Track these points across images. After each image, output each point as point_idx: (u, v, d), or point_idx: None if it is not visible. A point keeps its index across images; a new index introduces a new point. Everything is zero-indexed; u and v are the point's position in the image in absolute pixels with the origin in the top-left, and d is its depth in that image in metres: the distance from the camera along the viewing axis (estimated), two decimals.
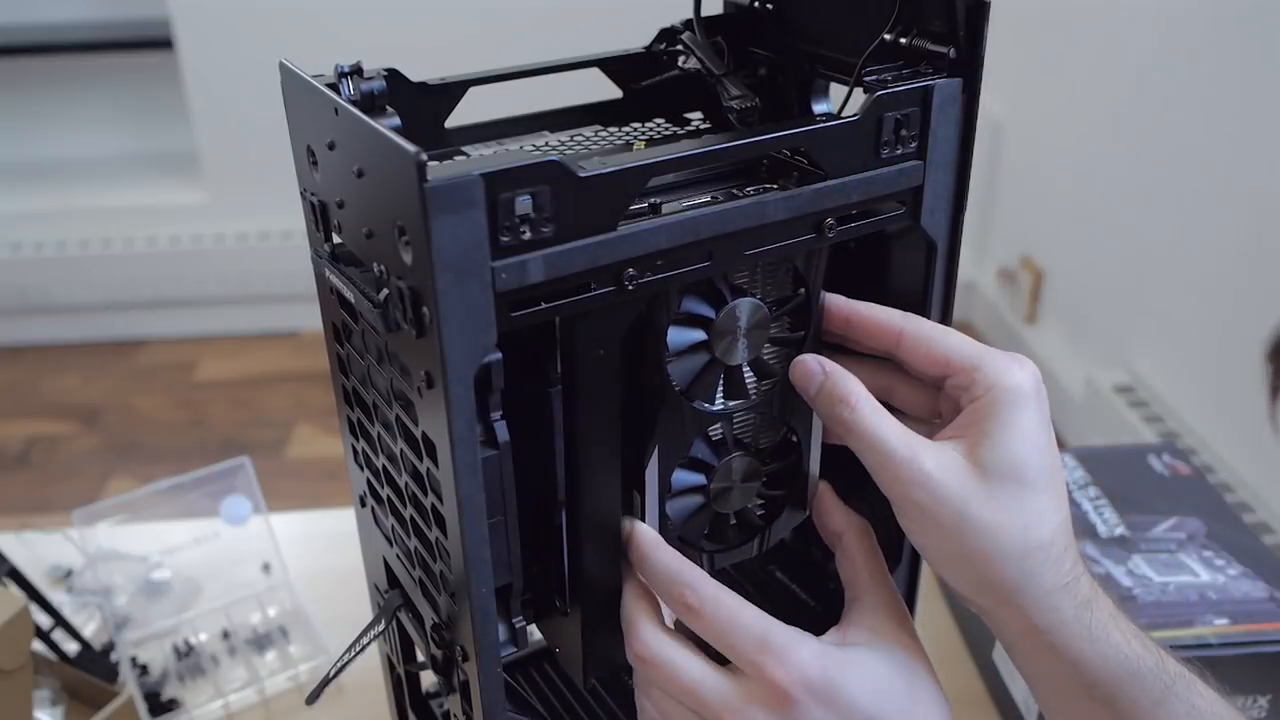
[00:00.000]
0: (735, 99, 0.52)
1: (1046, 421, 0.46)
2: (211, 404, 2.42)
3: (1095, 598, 0.45)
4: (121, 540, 0.84)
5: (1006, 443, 0.45)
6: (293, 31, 2.35)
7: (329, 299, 0.49)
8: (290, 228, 2.55)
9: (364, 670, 0.58)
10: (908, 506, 0.45)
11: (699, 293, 0.45)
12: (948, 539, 0.45)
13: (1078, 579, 0.45)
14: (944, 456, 0.45)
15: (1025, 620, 0.45)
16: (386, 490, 0.50)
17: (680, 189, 0.46)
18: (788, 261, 0.47)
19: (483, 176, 0.36)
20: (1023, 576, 0.44)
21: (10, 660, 0.64)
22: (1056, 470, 0.46)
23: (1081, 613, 0.45)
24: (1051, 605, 0.44)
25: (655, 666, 0.46)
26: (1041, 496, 0.45)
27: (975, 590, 0.46)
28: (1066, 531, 0.46)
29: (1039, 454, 0.45)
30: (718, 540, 0.52)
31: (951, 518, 0.44)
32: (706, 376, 0.47)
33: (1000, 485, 0.44)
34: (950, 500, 0.44)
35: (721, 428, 0.49)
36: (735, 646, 0.44)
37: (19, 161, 2.68)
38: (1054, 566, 0.44)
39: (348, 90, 0.45)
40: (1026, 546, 0.44)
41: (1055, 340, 2.28)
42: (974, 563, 0.44)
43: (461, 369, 0.38)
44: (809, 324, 0.49)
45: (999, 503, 0.44)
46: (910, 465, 0.44)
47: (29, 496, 2.14)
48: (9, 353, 2.60)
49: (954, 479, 0.44)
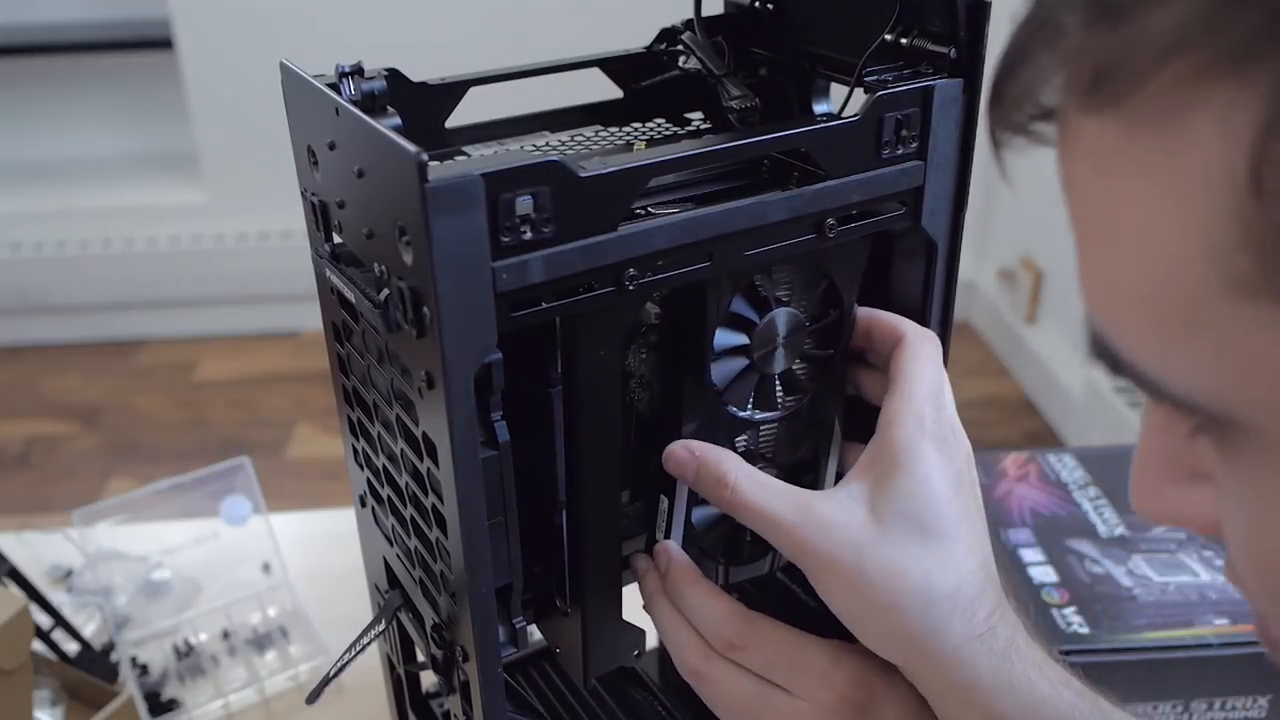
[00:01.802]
0: (735, 99, 0.52)
1: (954, 468, 0.44)
2: (211, 404, 2.42)
3: (1014, 647, 0.43)
4: (121, 540, 0.84)
5: (904, 488, 0.43)
6: (293, 31, 2.35)
7: (329, 299, 0.49)
8: (290, 228, 2.55)
9: (364, 670, 0.58)
10: (808, 564, 0.44)
11: (745, 296, 0.46)
12: (849, 591, 0.43)
13: (993, 630, 0.43)
14: (838, 507, 0.44)
15: (942, 676, 0.43)
16: (387, 490, 0.50)
17: (681, 189, 0.46)
18: (825, 276, 0.47)
19: (483, 176, 0.36)
20: (927, 628, 0.42)
21: (10, 660, 0.64)
22: (966, 519, 0.44)
23: (1000, 665, 0.42)
24: (963, 658, 0.42)
25: (708, 684, 0.47)
26: (944, 544, 0.43)
27: (885, 645, 0.44)
28: (979, 579, 0.43)
29: (941, 499, 0.43)
30: (733, 557, 0.52)
31: (849, 568, 0.43)
32: (744, 381, 0.47)
33: (898, 532, 0.43)
34: (845, 550, 0.43)
35: (748, 438, 0.49)
36: (781, 675, 0.46)
37: (19, 161, 2.68)
38: (962, 617, 0.42)
39: (348, 90, 0.45)
40: (929, 596, 0.42)
41: (1055, 340, 2.28)
42: (876, 613, 0.43)
43: (462, 369, 0.38)
44: (839, 342, 0.49)
45: (896, 550, 0.43)
46: (801, 527, 0.43)
47: (29, 496, 2.14)
48: (9, 353, 2.60)
49: (848, 530, 0.43)
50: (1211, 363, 0.24)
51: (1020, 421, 2.22)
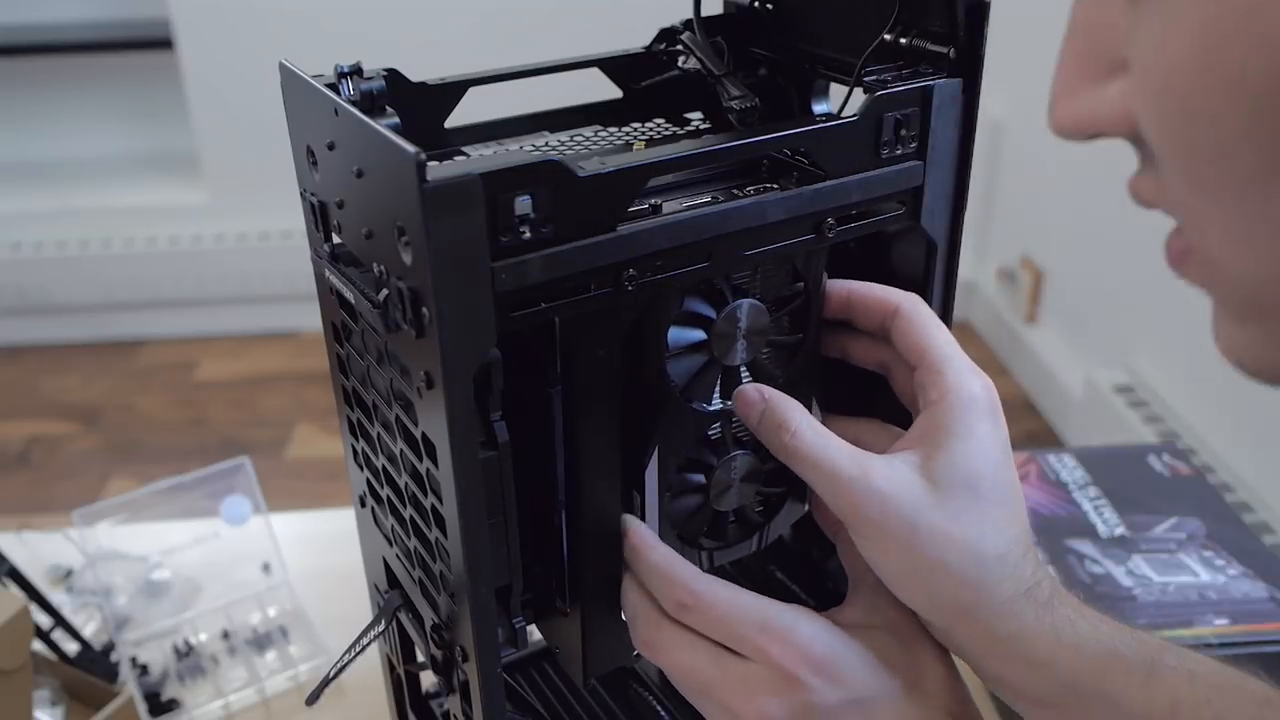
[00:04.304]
0: (735, 99, 0.51)
1: (1002, 437, 0.46)
2: (211, 404, 2.42)
3: (1055, 596, 0.45)
4: (121, 540, 0.84)
5: (959, 455, 0.44)
6: (293, 31, 2.35)
7: (329, 299, 0.49)
8: (290, 228, 2.55)
9: (364, 670, 0.58)
10: (860, 524, 0.44)
11: (700, 293, 0.45)
12: (901, 553, 0.44)
13: (1039, 583, 0.45)
14: (894, 470, 0.44)
15: (987, 633, 0.44)
16: (386, 490, 0.50)
17: (680, 189, 0.46)
18: (788, 263, 0.47)
19: (482, 176, 0.36)
20: (979, 587, 0.44)
21: (10, 660, 0.64)
22: (1013, 487, 0.45)
23: (1043, 614, 0.44)
24: (1011, 612, 0.44)
25: (661, 653, 0.46)
26: (995, 509, 0.44)
27: (932, 606, 0.45)
28: (1024, 542, 0.45)
29: (993, 468, 0.45)
30: (717, 538, 0.52)
31: (903, 531, 0.43)
32: (705, 377, 0.47)
33: (952, 497, 0.44)
34: (901, 513, 0.43)
35: (720, 427, 0.49)
36: (735, 634, 0.44)
37: (19, 161, 2.68)
38: (1012, 574, 0.44)
39: (347, 90, 0.45)
40: (980, 557, 0.43)
41: (1055, 340, 2.28)
42: (928, 576, 0.44)
43: (461, 369, 0.38)
44: (808, 326, 0.49)
45: (950, 514, 0.43)
46: (859, 482, 0.44)
47: (29, 496, 2.14)
48: (9, 353, 2.60)
49: (905, 492, 0.43)
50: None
51: (1020, 421, 2.21)
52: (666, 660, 0.46)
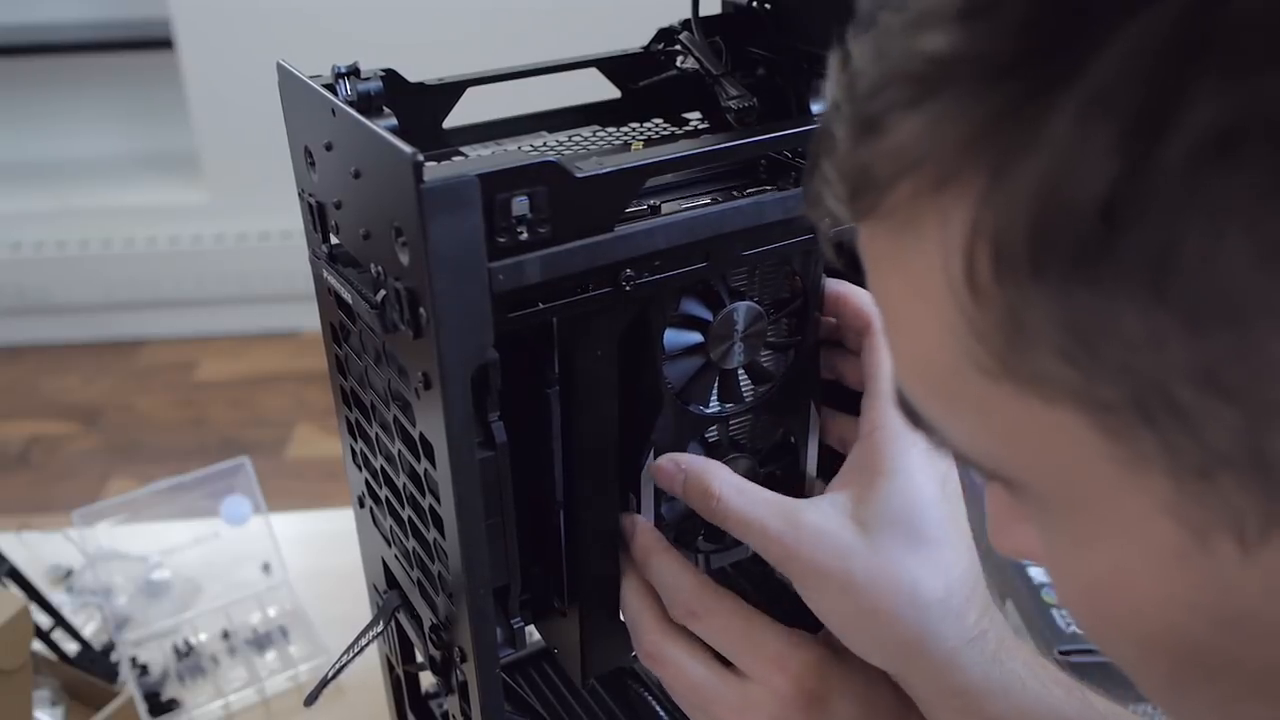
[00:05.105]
0: (733, 99, 0.51)
1: (940, 473, 0.45)
2: (211, 404, 2.42)
3: (1004, 648, 0.43)
4: (121, 540, 0.84)
5: (890, 494, 0.43)
6: (292, 31, 2.35)
7: (327, 300, 0.49)
8: (290, 228, 2.55)
9: (364, 670, 0.58)
10: (795, 574, 0.44)
11: (696, 295, 0.45)
12: (839, 600, 0.43)
13: (984, 634, 0.43)
14: (823, 517, 0.43)
15: (937, 682, 0.43)
16: (385, 491, 0.50)
17: (678, 189, 0.46)
18: (786, 264, 0.47)
19: (479, 177, 0.36)
20: (921, 634, 0.42)
21: (10, 660, 0.64)
22: (954, 526, 0.44)
23: (991, 668, 0.43)
24: (958, 664, 0.42)
25: (661, 665, 0.46)
26: (932, 550, 0.43)
27: (877, 651, 0.44)
28: (968, 582, 0.44)
29: (929, 506, 0.44)
30: (714, 540, 0.52)
31: (837, 577, 0.42)
32: (701, 380, 0.47)
33: (885, 539, 0.43)
34: (834, 560, 0.42)
35: (717, 430, 0.49)
36: (741, 652, 0.44)
37: (19, 161, 2.68)
38: (954, 621, 0.42)
39: (345, 91, 0.45)
40: (919, 601, 0.42)
41: None
42: (870, 621, 0.43)
43: (459, 370, 0.38)
44: (805, 329, 0.49)
45: (885, 557, 0.42)
46: (789, 535, 0.43)
47: (29, 496, 2.14)
48: (9, 353, 2.60)
49: (835, 539, 0.43)
50: (980, 430, 0.27)
51: None
52: (667, 671, 0.46)
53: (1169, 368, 0.22)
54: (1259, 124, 0.19)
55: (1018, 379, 0.24)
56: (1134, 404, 0.23)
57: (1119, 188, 0.21)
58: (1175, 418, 0.22)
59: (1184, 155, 0.20)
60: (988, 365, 0.24)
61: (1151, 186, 0.20)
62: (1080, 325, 0.22)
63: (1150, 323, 0.21)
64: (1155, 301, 0.21)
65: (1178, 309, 0.21)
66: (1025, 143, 0.22)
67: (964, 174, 0.23)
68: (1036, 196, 0.22)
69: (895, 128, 0.24)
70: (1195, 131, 0.20)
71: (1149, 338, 0.22)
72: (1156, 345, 0.22)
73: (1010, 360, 0.24)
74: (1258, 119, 0.19)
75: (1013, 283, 0.23)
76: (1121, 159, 0.21)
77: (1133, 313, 0.21)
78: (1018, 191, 0.22)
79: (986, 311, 0.24)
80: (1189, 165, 0.20)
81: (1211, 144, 0.20)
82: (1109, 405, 0.23)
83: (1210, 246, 0.20)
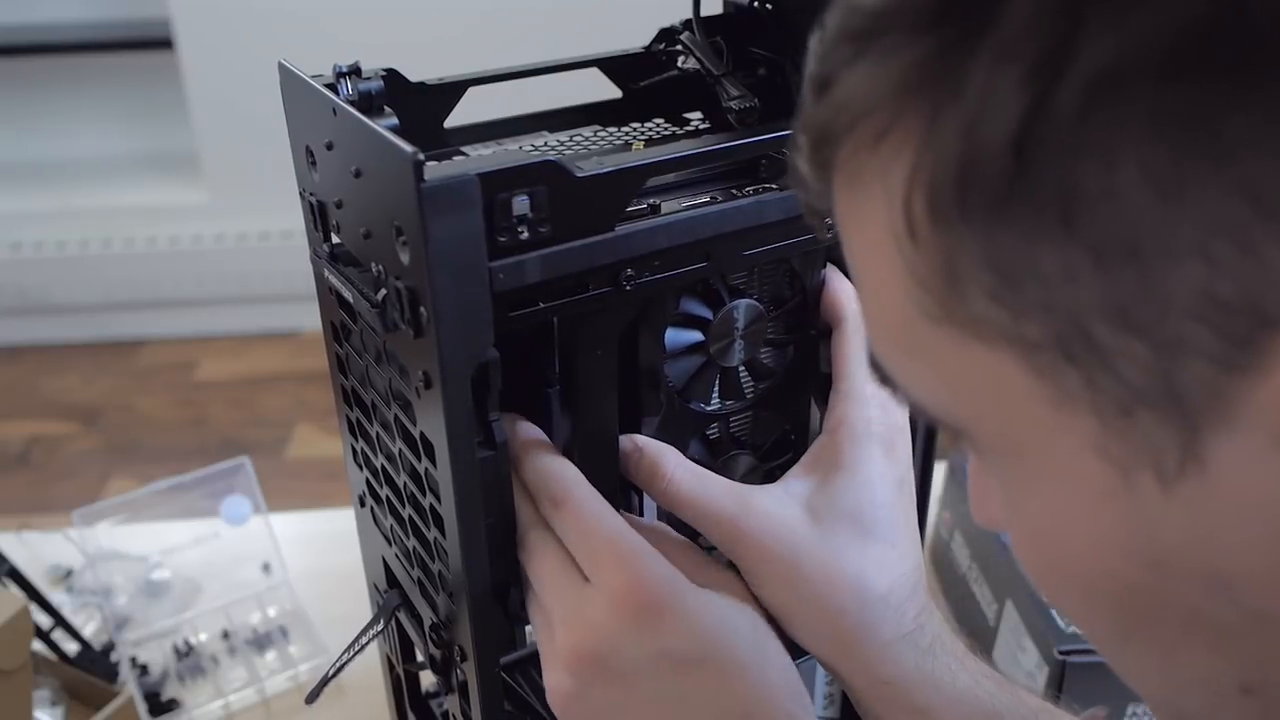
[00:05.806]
0: (734, 99, 0.51)
1: (896, 475, 0.45)
2: (211, 404, 2.42)
3: (939, 642, 0.44)
4: (121, 540, 0.84)
5: (845, 489, 0.44)
6: (293, 31, 2.35)
7: (328, 299, 0.49)
8: (290, 228, 2.55)
9: (364, 670, 0.58)
10: (743, 559, 0.43)
11: (697, 293, 0.45)
12: (783, 588, 0.43)
13: (920, 628, 0.44)
14: (776, 504, 0.44)
15: (869, 672, 0.43)
16: (385, 490, 0.50)
17: (679, 189, 0.46)
18: (786, 263, 0.47)
19: (480, 177, 0.36)
20: (860, 626, 0.43)
21: (10, 660, 0.64)
22: (904, 527, 0.45)
23: (923, 661, 0.43)
24: (891, 656, 0.43)
25: (526, 556, 0.43)
26: (880, 547, 0.44)
27: (815, 640, 0.44)
28: (911, 582, 0.44)
29: (881, 504, 0.44)
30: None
31: (784, 565, 0.43)
32: (702, 378, 0.47)
33: (835, 532, 0.43)
34: (782, 547, 0.43)
35: (718, 427, 0.49)
36: (589, 548, 0.41)
37: (19, 161, 2.68)
38: (893, 616, 0.43)
39: (346, 90, 0.45)
40: (863, 597, 0.43)
41: None
42: (810, 612, 0.43)
43: (459, 369, 0.38)
44: (805, 326, 0.49)
45: (833, 549, 0.43)
46: (739, 519, 0.43)
47: (29, 496, 2.14)
48: (9, 353, 2.60)
49: (786, 526, 0.43)
50: (933, 380, 0.28)
51: None
52: (530, 564, 0.43)
53: (1085, 304, 0.23)
54: (1138, 61, 0.21)
55: (958, 323, 0.25)
56: (1057, 341, 0.24)
57: (1025, 126, 0.22)
58: (1094, 354, 0.23)
59: (1078, 93, 0.21)
60: (932, 311, 0.25)
61: (1053, 124, 0.22)
62: (1004, 264, 0.23)
63: (1064, 258, 0.23)
64: (1066, 237, 0.22)
65: (1086, 244, 0.22)
66: (952, 89, 0.23)
67: (901, 124, 0.24)
68: (959, 140, 0.23)
69: (841, 82, 0.26)
70: (1086, 70, 0.21)
71: (1064, 274, 0.23)
72: (1071, 281, 0.23)
73: (950, 304, 0.25)
74: (1137, 56, 0.21)
75: (945, 226, 0.24)
76: (1026, 98, 0.22)
77: (1048, 249, 0.23)
78: (945, 137, 0.23)
79: (926, 257, 0.25)
80: (1083, 102, 0.21)
81: (1100, 82, 0.21)
82: (1036, 344, 0.24)
83: (1107, 181, 0.22)
